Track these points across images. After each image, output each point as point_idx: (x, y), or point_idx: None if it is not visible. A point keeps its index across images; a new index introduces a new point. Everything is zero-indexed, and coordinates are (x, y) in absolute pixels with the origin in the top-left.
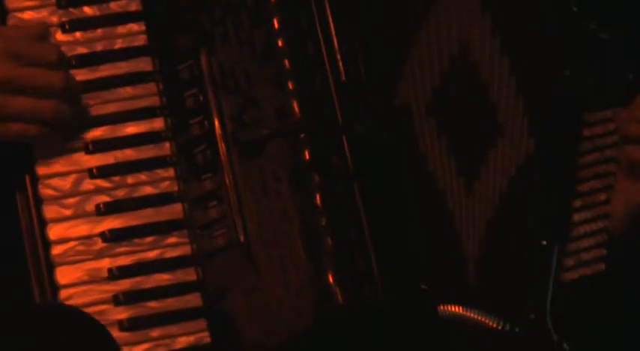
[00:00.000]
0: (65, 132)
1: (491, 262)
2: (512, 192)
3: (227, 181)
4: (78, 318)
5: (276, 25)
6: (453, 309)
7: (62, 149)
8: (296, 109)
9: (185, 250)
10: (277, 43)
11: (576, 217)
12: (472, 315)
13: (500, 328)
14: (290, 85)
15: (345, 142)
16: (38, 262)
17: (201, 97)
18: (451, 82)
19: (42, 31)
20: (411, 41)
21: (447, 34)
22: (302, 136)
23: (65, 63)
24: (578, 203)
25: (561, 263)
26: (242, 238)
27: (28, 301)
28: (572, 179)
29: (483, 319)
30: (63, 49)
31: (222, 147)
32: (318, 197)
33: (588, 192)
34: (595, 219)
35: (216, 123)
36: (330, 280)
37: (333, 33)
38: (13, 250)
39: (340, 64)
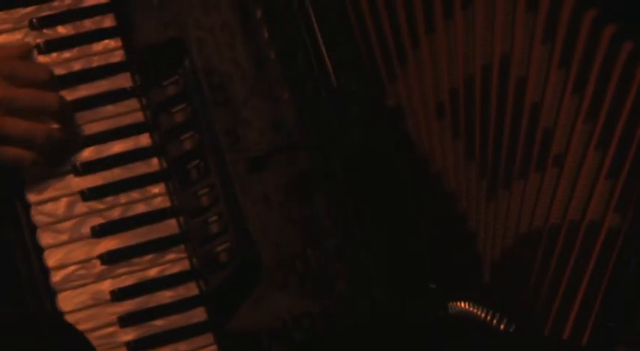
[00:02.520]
0: (57, 158)
1: (512, 268)
2: (571, 229)
3: (225, 196)
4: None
5: (265, 37)
6: (460, 305)
7: (51, 173)
8: (291, 119)
9: (184, 265)
10: (267, 54)
11: None
12: (474, 310)
13: (500, 325)
14: (283, 96)
15: (342, 148)
16: (37, 290)
17: (190, 112)
18: (477, 89)
19: (25, 51)
20: (421, 43)
21: (483, 42)
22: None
23: (56, 82)
24: None
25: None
26: (247, 250)
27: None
28: None
29: (483, 315)
30: None
31: (216, 162)
32: (321, 206)
33: None
34: None
35: (208, 137)
36: (341, 287)
37: (321, 40)
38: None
39: (331, 70)
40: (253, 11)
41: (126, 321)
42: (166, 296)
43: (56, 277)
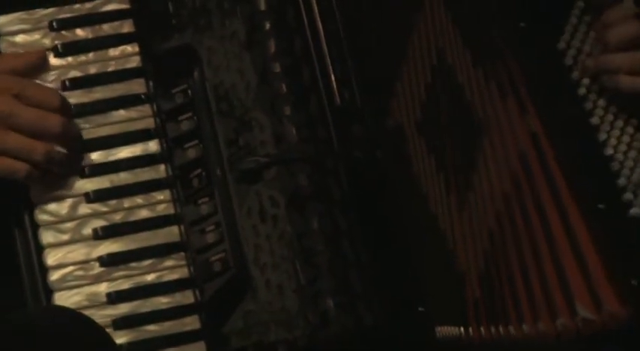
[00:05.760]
0: (56, 175)
1: (494, 274)
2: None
3: (222, 206)
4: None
5: (271, 50)
6: (447, 328)
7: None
8: (292, 133)
9: (183, 272)
10: (273, 67)
11: None
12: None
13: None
14: (286, 110)
15: (341, 166)
16: (36, 288)
17: (196, 121)
18: (435, 94)
19: (41, 59)
20: (400, 59)
21: (427, 45)
22: (299, 161)
23: (68, 108)
24: None
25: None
26: (237, 263)
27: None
28: None
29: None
30: (56, 72)
31: (217, 172)
32: (315, 222)
33: None
34: None
35: (211, 147)
36: (328, 304)
37: (327, 57)
38: (9, 276)
39: (335, 87)
40: (262, 23)
41: (119, 324)
42: (162, 302)
43: (54, 276)
